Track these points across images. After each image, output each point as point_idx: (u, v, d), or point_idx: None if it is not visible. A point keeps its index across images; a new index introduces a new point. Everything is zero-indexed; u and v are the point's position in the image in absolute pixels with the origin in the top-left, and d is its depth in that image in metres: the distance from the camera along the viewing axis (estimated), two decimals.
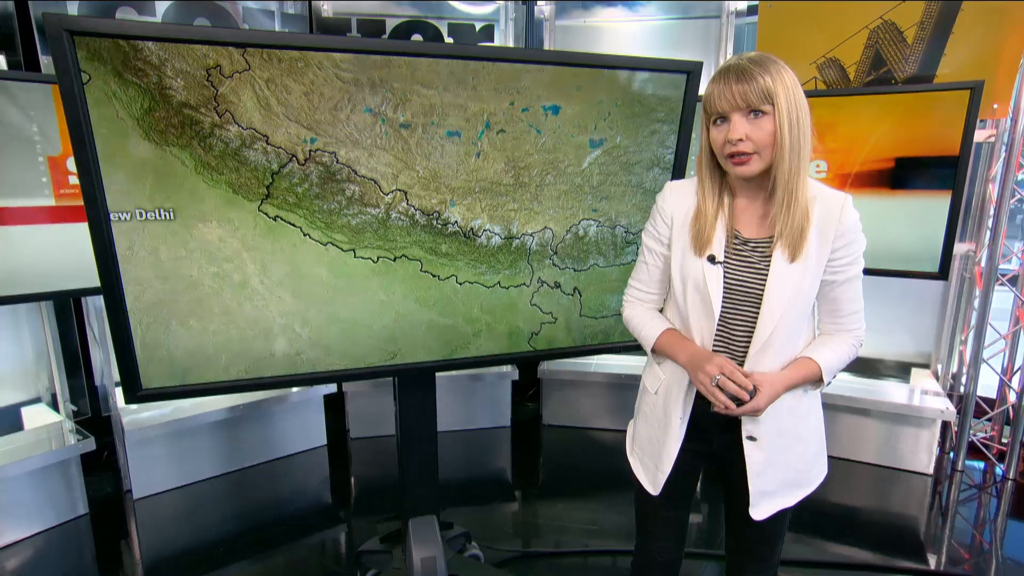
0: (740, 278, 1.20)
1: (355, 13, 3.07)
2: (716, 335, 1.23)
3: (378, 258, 1.63)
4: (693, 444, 1.31)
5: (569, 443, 3.21)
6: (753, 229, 1.21)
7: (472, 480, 2.87)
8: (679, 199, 1.26)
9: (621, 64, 1.68)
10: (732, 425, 1.26)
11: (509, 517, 2.60)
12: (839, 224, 1.16)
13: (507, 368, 3.21)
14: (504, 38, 3.21)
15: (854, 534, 2.43)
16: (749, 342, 1.20)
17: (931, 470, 2.85)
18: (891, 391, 2.94)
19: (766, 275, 1.18)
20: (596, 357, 3.23)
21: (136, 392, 1.66)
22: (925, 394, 2.88)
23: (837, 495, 2.69)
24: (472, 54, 1.58)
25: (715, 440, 1.30)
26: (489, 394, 3.29)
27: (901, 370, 3.17)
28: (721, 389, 1.15)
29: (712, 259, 1.20)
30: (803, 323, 1.22)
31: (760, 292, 1.18)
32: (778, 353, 1.20)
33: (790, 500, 1.29)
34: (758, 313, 1.18)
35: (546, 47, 3.30)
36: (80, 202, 1.67)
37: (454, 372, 3.05)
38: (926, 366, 3.18)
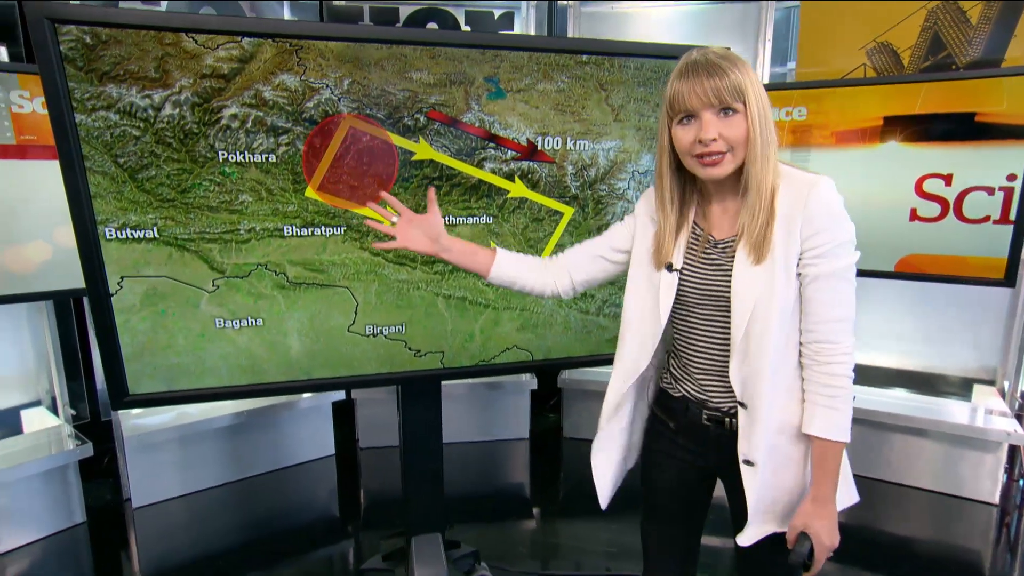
0: (708, 282, 1.13)
1: (368, 1, 2.97)
2: (688, 343, 1.19)
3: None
4: (684, 455, 1.25)
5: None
6: (725, 230, 1.14)
7: (486, 495, 2.73)
8: (649, 203, 1.22)
9: (623, 51, 1.64)
10: (725, 443, 1.17)
11: (525, 536, 2.46)
12: (804, 210, 1.04)
13: (525, 377, 3.06)
14: (525, 26, 3.07)
15: (908, 567, 2.22)
16: (728, 350, 1.12)
17: (996, 499, 2.60)
18: (951, 410, 2.71)
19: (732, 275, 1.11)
20: None
21: (122, 398, 1.59)
22: (989, 414, 2.66)
23: (890, 524, 2.45)
24: (481, 42, 1.56)
25: (707, 457, 1.23)
26: (507, 404, 3.13)
27: (962, 386, 2.93)
28: None
29: (670, 267, 1.16)
30: (788, 326, 1.08)
31: (729, 294, 1.10)
32: (759, 359, 1.08)
33: (781, 526, 1.17)
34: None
35: (570, 35, 3.14)
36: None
37: (470, 380, 2.92)
38: (991, 382, 2.93)
